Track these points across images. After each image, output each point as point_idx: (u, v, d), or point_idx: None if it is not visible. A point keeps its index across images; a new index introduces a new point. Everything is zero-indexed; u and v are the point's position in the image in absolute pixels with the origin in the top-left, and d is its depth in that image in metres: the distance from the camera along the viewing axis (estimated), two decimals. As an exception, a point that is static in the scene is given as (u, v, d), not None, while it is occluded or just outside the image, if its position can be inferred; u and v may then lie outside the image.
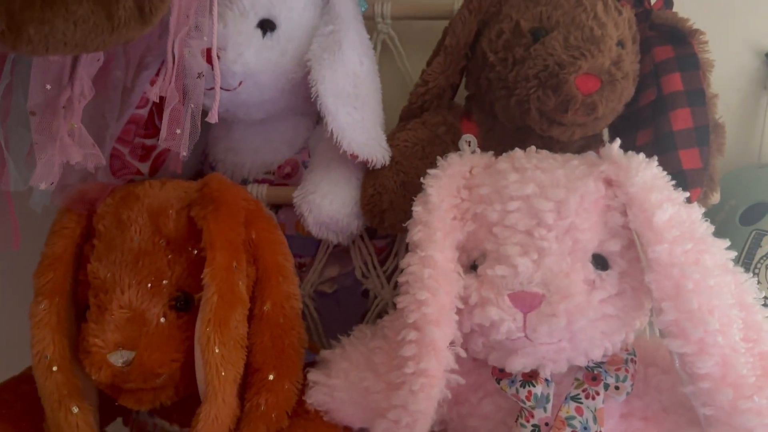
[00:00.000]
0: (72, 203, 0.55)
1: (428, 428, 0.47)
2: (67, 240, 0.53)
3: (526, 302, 0.47)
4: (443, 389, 0.47)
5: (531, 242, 0.48)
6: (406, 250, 0.65)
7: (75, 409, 0.51)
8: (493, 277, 0.48)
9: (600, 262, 0.49)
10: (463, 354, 0.48)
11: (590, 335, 0.48)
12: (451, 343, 0.47)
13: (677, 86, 0.59)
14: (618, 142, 0.51)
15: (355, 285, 0.67)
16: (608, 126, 0.61)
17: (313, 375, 0.53)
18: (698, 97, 0.59)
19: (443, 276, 0.48)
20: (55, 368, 0.51)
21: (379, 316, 0.65)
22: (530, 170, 0.50)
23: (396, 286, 0.66)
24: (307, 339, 0.56)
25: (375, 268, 0.66)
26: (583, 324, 0.46)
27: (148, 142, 0.63)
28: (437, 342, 0.46)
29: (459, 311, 0.48)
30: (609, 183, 0.50)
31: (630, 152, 0.51)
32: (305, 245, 0.65)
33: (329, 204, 0.58)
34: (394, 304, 0.63)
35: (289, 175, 0.66)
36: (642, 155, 0.50)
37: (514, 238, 0.49)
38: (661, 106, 0.59)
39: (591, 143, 0.61)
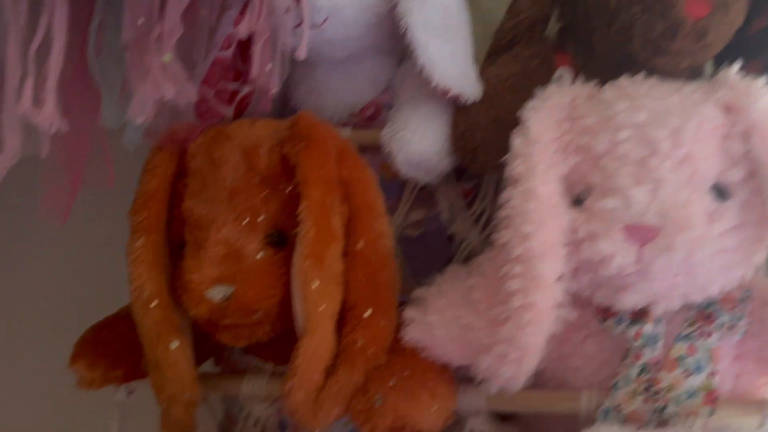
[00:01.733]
0: (164, 141, 0.54)
1: (535, 365, 0.45)
2: (160, 178, 0.53)
3: (641, 235, 0.44)
4: (552, 324, 0.45)
5: (644, 173, 0.45)
6: (495, 193, 0.64)
7: (174, 344, 0.51)
8: (603, 210, 0.46)
9: (719, 192, 0.46)
10: (571, 288, 0.45)
11: (708, 269, 0.45)
12: (559, 279, 0.45)
13: (789, 12, 0.55)
14: (737, 65, 0.48)
15: (441, 229, 0.65)
16: (713, 56, 0.58)
17: (409, 312, 0.52)
18: (814, 22, 0.54)
19: (548, 208, 0.46)
20: (153, 304, 0.51)
21: (466, 261, 0.64)
22: (641, 97, 0.48)
23: (484, 229, 0.64)
24: (402, 278, 0.54)
25: (461, 211, 0.64)
26: (702, 257, 0.44)
27: (232, 85, 0.62)
28: (544, 275, 0.44)
29: (565, 247, 0.46)
30: (728, 109, 0.47)
31: (749, 77, 0.47)
32: (390, 189, 0.64)
33: (419, 141, 0.56)
34: (482, 249, 0.62)
35: (371, 117, 0.65)
36: (763, 79, 0.47)
37: (625, 168, 0.46)
38: (773, 34, 0.55)
39: (694, 77, 0.58)
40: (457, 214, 0.64)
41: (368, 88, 0.64)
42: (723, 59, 0.58)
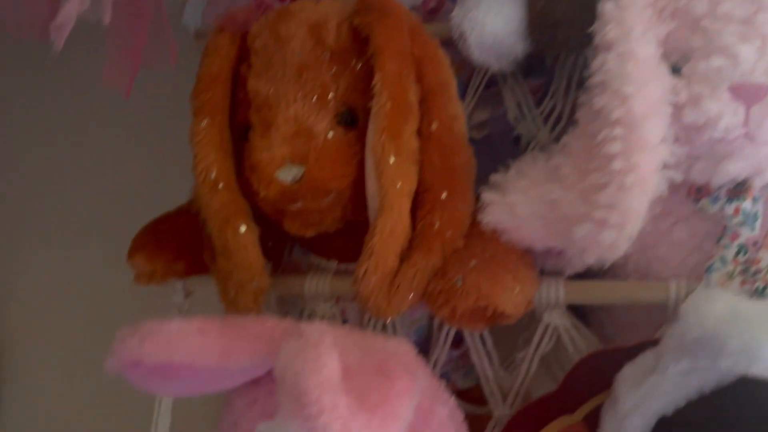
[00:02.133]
0: (225, 23, 0.52)
1: (637, 231, 0.43)
2: (222, 60, 0.51)
3: (750, 93, 0.41)
4: (657, 188, 0.42)
5: (751, 29, 0.42)
6: (567, 88, 0.61)
7: (243, 228, 0.49)
8: (707, 70, 0.42)
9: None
10: (679, 149, 0.42)
11: (824, 130, 0.42)
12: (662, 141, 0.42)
13: None
14: None
15: (507, 130, 0.62)
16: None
17: (487, 195, 0.49)
18: None
19: (649, 69, 0.43)
20: (221, 185, 0.49)
21: (535, 162, 0.61)
22: (740, -45, 0.44)
23: (554, 128, 0.61)
24: (475, 164, 0.51)
25: (530, 109, 0.61)
26: (817, 116, 0.41)
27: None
28: (648, 136, 0.41)
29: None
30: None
31: None
32: (453, 85, 0.61)
33: (493, 21, 0.53)
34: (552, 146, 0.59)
35: (434, 10, 0.61)
36: None
37: (729, 27, 0.43)
38: None
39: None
40: (525, 113, 0.61)
41: (431, -21, 0.61)
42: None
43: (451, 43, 0.56)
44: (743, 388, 0.38)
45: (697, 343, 0.36)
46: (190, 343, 0.39)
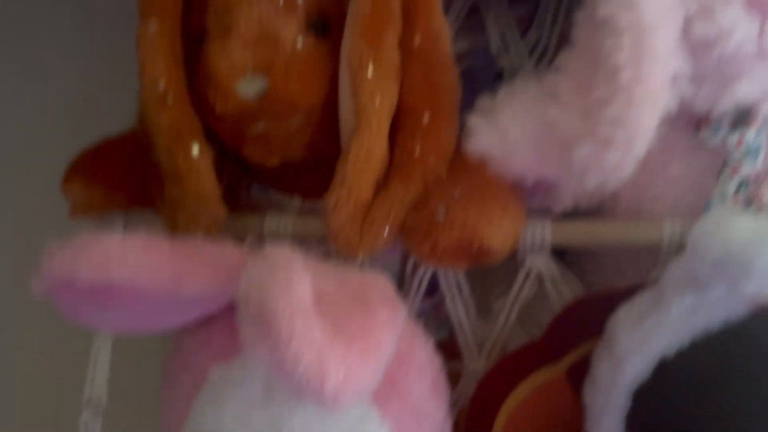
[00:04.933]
0: None
1: (644, 151, 0.38)
2: (176, -47, 0.44)
3: (766, 4, 0.37)
4: (668, 104, 0.38)
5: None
6: (553, 19, 0.57)
7: (195, 149, 0.43)
8: (721, -22, 0.38)
9: None
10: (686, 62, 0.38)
11: None
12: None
13: None
14: None
15: (489, 63, 0.58)
16: None
17: (474, 120, 0.44)
18: None
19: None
20: (170, 99, 0.42)
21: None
22: None
23: (539, 61, 0.57)
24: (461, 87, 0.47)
25: (514, 41, 0.56)
26: None
27: None
28: (659, 45, 0.37)
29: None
30: None
31: None
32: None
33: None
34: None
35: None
36: None
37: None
38: None
39: None
40: (508, 45, 0.56)
41: None
42: None
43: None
44: (755, 323, 0.35)
45: (717, 267, 0.32)
46: (133, 261, 0.33)
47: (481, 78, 0.60)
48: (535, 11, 0.57)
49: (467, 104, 0.55)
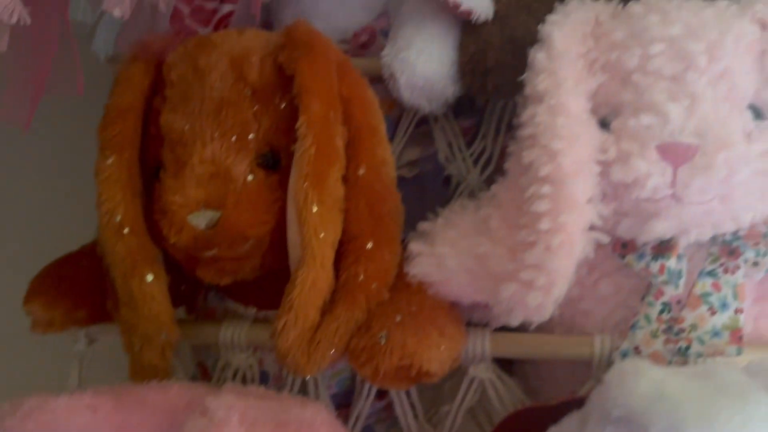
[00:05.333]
0: (139, 51, 0.48)
1: (564, 293, 0.41)
2: (135, 90, 0.47)
3: (678, 154, 0.41)
4: (584, 249, 0.41)
5: (680, 88, 0.42)
6: (496, 131, 0.60)
7: (150, 277, 0.45)
8: (636, 127, 0.42)
9: (756, 112, 0.43)
10: (605, 211, 0.42)
11: (747, 192, 0.42)
12: (590, 200, 0.41)
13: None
14: (773, -20, 0.45)
15: (437, 170, 0.61)
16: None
17: (415, 245, 0.47)
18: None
19: (579, 124, 0.42)
20: (126, 230, 0.45)
21: (465, 203, 0.59)
22: (673, 11, 0.44)
23: (484, 170, 0.60)
24: (403, 211, 0.49)
25: (460, 150, 0.60)
26: (744, 176, 0.41)
27: (209, 4, 0.56)
28: (576, 195, 0.40)
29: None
30: (764, 25, 0.44)
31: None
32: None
33: (424, 63, 0.51)
34: (481, 191, 0.58)
35: (365, 44, 0.59)
36: (801, -4, 0.44)
37: (659, 84, 0.42)
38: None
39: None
40: (455, 154, 0.60)
41: (362, 12, 0.59)
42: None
43: (382, 80, 0.54)
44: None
45: (621, 421, 0.35)
46: (79, 423, 0.35)
47: (431, 183, 0.63)
48: (480, 123, 0.60)
49: (418, 208, 0.59)
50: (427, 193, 0.62)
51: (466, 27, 0.53)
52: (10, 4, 0.40)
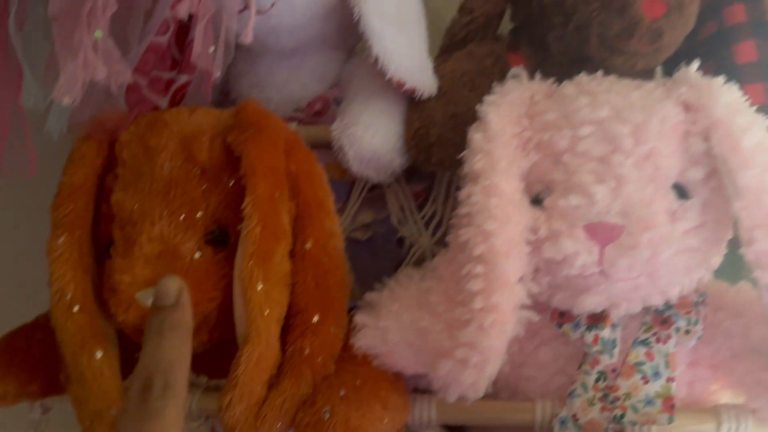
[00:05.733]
0: (92, 130, 0.49)
1: (498, 369, 0.43)
2: (87, 169, 0.48)
3: (604, 234, 0.43)
4: (516, 326, 0.42)
5: (607, 169, 0.44)
6: (447, 195, 0.62)
7: (99, 354, 0.46)
8: (566, 207, 0.44)
9: (680, 191, 0.45)
10: (535, 289, 0.44)
11: (672, 269, 0.44)
12: (521, 279, 0.43)
13: (741, 17, 0.56)
14: (696, 64, 0.47)
15: (391, 232, 0.63)
16: (662, 63, 0.58)
17: (360, 317, 0.48)
18: (764, 28, 0.55)
19: (511, 205, 0.44)
20: (76, 308, 0.46)
21: (417, 265, 0.61)
22: (602, 93, 0.46)
23: (435, 232, 0.62)
24: (351, 282, 0.51)
25: (412, 213, 0.61)
26: (668, 256, 0.43)
27: (167, 75, 0.58)
28: (508, 275, 0.42)
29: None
30: (688, 107, 0.46)
31: (707, 76, 0.47)
32: (338, 189, 0.60)
33: (371, 137, 0.53)
34: (432, 253, 0.60)
35: (319, 113, 0.61)
36: (721, 78, 0.47)
37: (587, 165, 0.45)
38: (724, 39, 0.56)
39: (647, 79, 0.57)
40: (407, 217, 0.62)
41: (315, 83, 0.61)
42: (672, 65, 0.58)
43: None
44: None
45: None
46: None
47: (384, 245, 0.64)
48: (431, 187, 0.62)
49: (371, 269, 0.60)
50: (381, 255, 0.64)
51: (412, 102, 0.55)
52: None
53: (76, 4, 0.45)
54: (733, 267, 0.49)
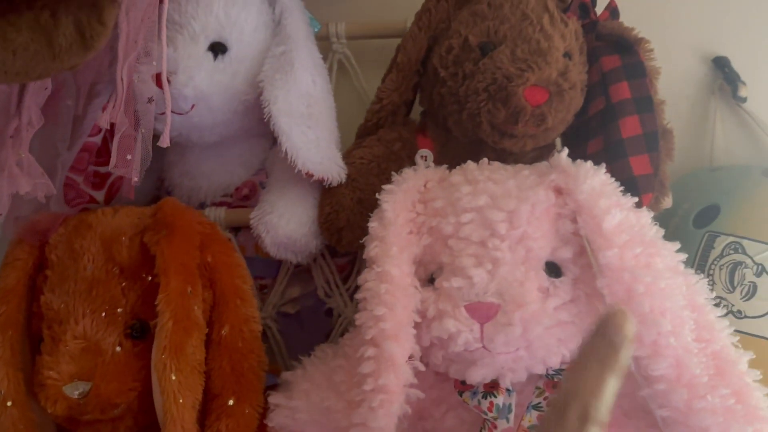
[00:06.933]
0: (24, 234, 0.54)
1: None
2: (19, 272, 0.53)
3: (483, 313, 0.47)
4: (403, 405, 0.46)
5: (485, 253, 0.48)
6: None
7: (33, 445, 0.50)
8: (450, 289, 0.48)
9: (553, 269, 0.49)
10: (422, 368, 0.48)
11: (547, 342, 0.48)
12: (410, 358, 0.47)
13: (625, 94, 0.60)
14: (566, 151, 0.52)
15: (318, 304, 0.67)
16: (560, 136, 0.63)
17: (273, 398, 0.52)
18: (646, 103, 0.60)
19: (400, 290, 0.48)
20: (9, 403, 0.50)
21: (343, 335, 0.65)
22: (482, 182, 0.51)
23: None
24: (267, 362, 0.55)
25: (338, 286, 0.66)
26: (539, 332, 0.47)
27: (102, 169, 0.62)
28: (396, 357, 0.46)
29: (417, 325, 0.49)
30: (559, 191, 0.51)
31: (578, 161, 0.52)
32: (266, 266, 0.65)
33: (286, 224, 0.58)
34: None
35: (247, 196, 0.66)
36: (590, 163, 0.51)
37: (468, 249, 0.49)
38: (611, 115, 0.60)
39: (544, 154, 0.62)
40: (333, 290, 0.66)
41: (241, 170, 0.66)
42: (568, 139, 0.63)
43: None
44: None
45: None
46: None
47: (312, 316, 0.69)
48: (355, 260, 0.66)
49: (302, 341, 0.64)
50: (311, 326, 0.68)
51: (323, 189, 0.59)
52: None
53: (1, 127, 0.49)
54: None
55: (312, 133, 0.58)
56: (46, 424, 0.52)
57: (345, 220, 0.57)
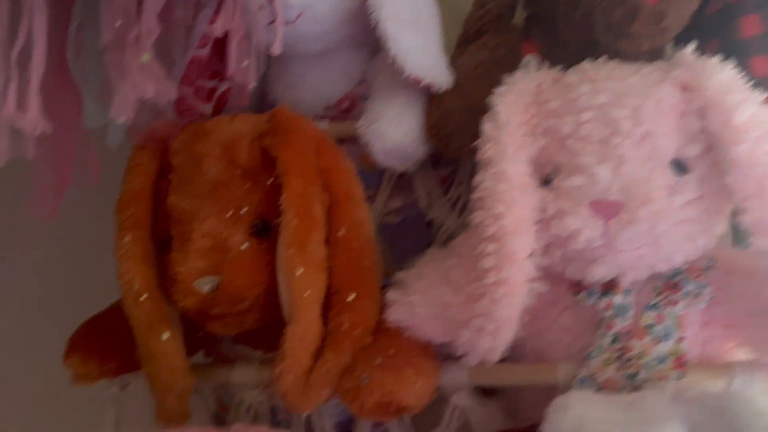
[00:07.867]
0: (146, 140, 0.56)
1: (511, 337, 0.48)
2: (143, 176, 0.55)
3: (606, 210, 0.47)
4: (525, 298, 0.47)
5: (607, 151, 0.48)
6: (470, 178, 0.66)
7: (165, 335, 0.53)
8: (570, 188, 0.48)
9: (679, 167, 0.48)
10: (543, 263, 0.48)
11: (672, 240, 0.47)
12: (531, 255, 0.48)
13: (746, -9, 0.57)
14: (691, 46, 0.50)
15: (420, 215, 0.68)
16: (674, 39, 0.60)
17: (391, 294, 0.54)
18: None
19: (518, 189, 0.48)
20: (143, 297, 0.53)
21: (445, 244, 0.66)
22: (601, 80, 0.50)
23: (461, 213, 0.67)
24: (381, 261, 0.56)
25: (439, 197, 0.66)
26: (665, 228, 0.46)
27: (209, 83, 0.63)
28: (516, 252, 0.47)
29: (535, 224, 0.49)
30: (684, 88, 0.49)
31: (704, 56, 0.50)
32: (369, 178, 0.65)
33: (394, 131, 0.58)
34: (459, 232, 0.64)
35: (348, 109, 0.66)
36: (716, 58, 0.49)
37: (589, 148, 0.48)
38: (730, 13, 0.58)
39: (656, 58, 0.60)
40: (434, 200, 0.66)
41: (343, 81, 0.66)
42: (683, 41, 0.61)
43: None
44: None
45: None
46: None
47: (414, 228, 0.69)
48: (456, 171, 0.67)
49: (404, 249, 0.65)
50: (412, 237, 0.69)
51: (430, 96, 0.59)
52: (34, 119, 0.48)
53: (124, 32, 0.51)
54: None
55: (419, 37, 0.58)
56: (176, 319, 0.55)
57: (454, 126, 0.57)
